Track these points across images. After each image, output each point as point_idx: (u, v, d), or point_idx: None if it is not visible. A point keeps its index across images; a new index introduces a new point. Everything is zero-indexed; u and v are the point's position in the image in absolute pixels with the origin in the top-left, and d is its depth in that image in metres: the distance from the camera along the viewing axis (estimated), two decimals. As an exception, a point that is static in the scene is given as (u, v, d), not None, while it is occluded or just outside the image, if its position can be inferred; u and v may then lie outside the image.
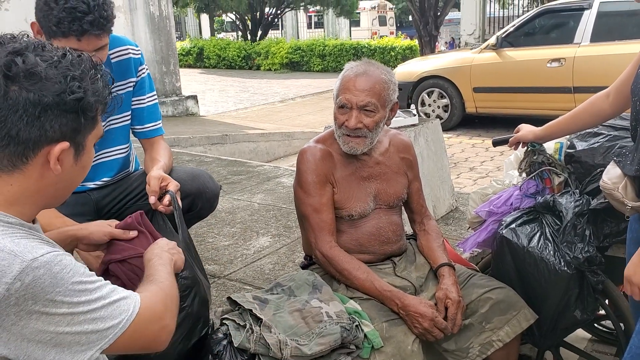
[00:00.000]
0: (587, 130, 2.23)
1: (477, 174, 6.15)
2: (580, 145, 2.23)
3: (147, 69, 2.22)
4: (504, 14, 17.26)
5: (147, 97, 2.20)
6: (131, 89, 2.15)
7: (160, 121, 2.26)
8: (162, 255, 1.43)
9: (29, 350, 0.98)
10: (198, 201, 2.15)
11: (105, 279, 1.51)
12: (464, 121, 8.51)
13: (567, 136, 2.29)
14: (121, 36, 2.16)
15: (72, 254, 1.78)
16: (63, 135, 1.06)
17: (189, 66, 20.67)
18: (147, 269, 1.38)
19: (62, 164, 1.08)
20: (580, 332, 2.70)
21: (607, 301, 2.19)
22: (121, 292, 1.11)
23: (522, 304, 2.00)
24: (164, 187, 1.82)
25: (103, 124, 2.07)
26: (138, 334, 1.11)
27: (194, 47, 21.25)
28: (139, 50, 2.19)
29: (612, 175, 1.77)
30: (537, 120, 2.30)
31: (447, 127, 7.92)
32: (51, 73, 1.03)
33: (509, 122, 7.98)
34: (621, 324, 2.15)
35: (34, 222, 1.14)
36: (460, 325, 1.92)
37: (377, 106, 1.95)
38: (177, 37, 13.59)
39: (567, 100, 7.23)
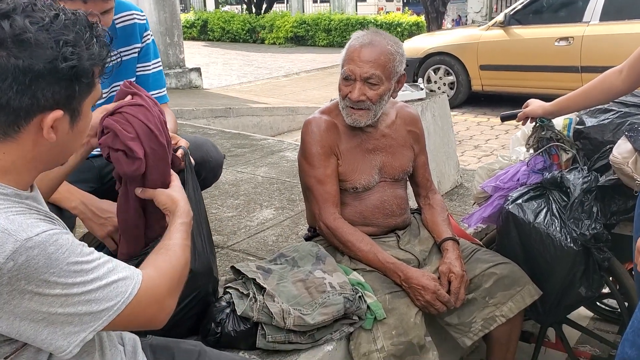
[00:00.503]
0: (597, 107, 2.20)
1: (481, 152, 6.12)
2: (590, 122, 2.20)
3: (151, 35, 2.18)
4: (511, -8, 17.04)
5: (152, 64, 2.17)
6: (136, 55, 2.12)
7: (164, 88, 2.23)
8: (188, 215, 1.37)
9: (21, 329, 0.96)
10: (202, 170, 2.13)
11: (101, 137, 1.44)
12: (469, 99, 8.45)
13: (576, 112, 2.26)
14: (126, 1, 2.12)
15: None
16: (56, 103, 1.01)
17: (193, 39, 20.49)
18: (170, 227, 1.32)
19: (56, 131, 1.03)
20: (582, 310, 2.71)
21: (611, 279, 2.18)
22: (121, 271, 1.07)
23: (526, 280, 2.00)
24: (174, 145, 1.80)
25: (106, 90, 2.05)
26: (134, 315, 1.08)
27: (198, 19, 21.05)
28: (144, 15, 2.15)
29: (622, 150, 1.75)
30: (543, 99, 2.27)
31: (452, 105, 7.79)
32: (42, 37, 0.97)
33: (515, 100, 7.89)
34: (625, 302, 2.15)
35: (32, 188, 1.11)
36: (463, 300, 1.92)
37: (382, 78, 1.92)
38: (181, 9, 13.46)
39: (574, 80, 7.15)
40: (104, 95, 1.90)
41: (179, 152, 1.76)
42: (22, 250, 0.93)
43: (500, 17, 8.10)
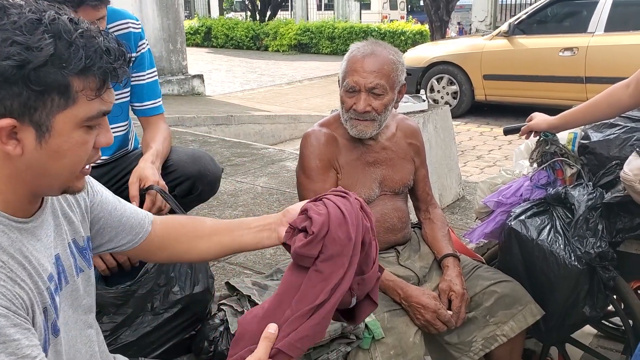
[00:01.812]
0: (603, 121, 2.16)
1: (484, 163, 6.08)
2: (595, 137, 2.16)
3: (147, 44, 2.15)
4: (515, 1, 17.03)
5: (147, 74, 2.14)
6: (130, 64, 2.09)
7: (160, 99, 2.19)
8: None
9: None
10: (198, 184, 2.09)
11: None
12: (472, 109, 8.43)
13: (582, 126, 2.22)
14: (121, 9, 2.08)
15: None
16: (7, 111, 0.91)
17: (197, 45, 20.53)
18: None
19: (23, 145, 0.94)
20: (585, 328, 2.65)
21: (615, 297, 2.13)
22: None
23: (528, 299, 1.95)
24: (142, 186, 1.79)
25: None
26: None
27: (202, 26, 21.09)
28: (139, 24, 2.11)
29: (633, 167, 1.71)
30: (547, 110, 2.23)
31: (455, 115, 7.81)
32: None
33: (518, 110, 7.90)
34: (630, 321, 2.09)
35: (37, 215, 1.04)
36: (464, 319, 1.87)
37: (386, 88, 1.88)
38: (185, 16, 13.48)
39: (578, 91, 7.13)
40: None
41: (147, 201, 1.76)
42: None
43: (504, 27, 8.09)
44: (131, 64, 1.08)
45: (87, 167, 1.05)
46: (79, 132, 0.98)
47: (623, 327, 2.41)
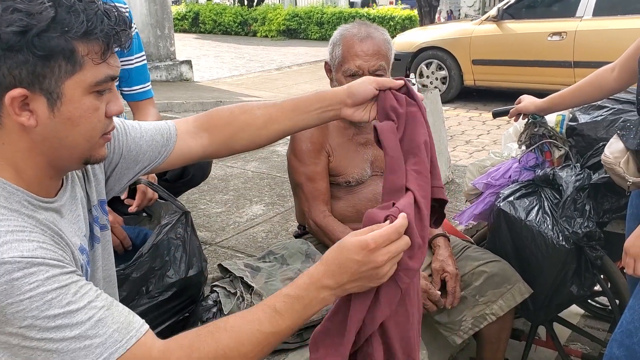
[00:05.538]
0: (590, 103, 2.18)
1: (473, 147, 6.10)
2: (583, 118, 2.18)
3: (135, 28, 2.13)
4: (505, -14, 17.04)
5: (135, 58, 2.13)
6: (132, 29, 2.08)
7: (149, 83, 2.18)
8: (323, 291, 1.03)
9: None
10: (190, 168, 2.10)
11: None
12: (461, 94, 8.43)
13: (569, 109, 2.24)
14: (108, -8, 2.07)
15: None
16: (17, 81, 0.91)
17: (184, 31, 20.33)
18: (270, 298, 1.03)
19: (36, 115, 0.94)
20: (573, 308, 2.70)
21: (602, 277, 2.17)
22: (104, 328, 0.89)
23: (516, 278, 1.98)
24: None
25: None
26: None
27: (189, 11, 20.88)
28: (126, 7, 2.09)
29: (614, 150, 1.73)
30: (536, 95, 2.25)
31: (444, 100, 7.81)
32: None
33: (507, 95, 7.92)
34: (617, 300, 2.13)
35: (60, 195, 1.03)
36: (459, 299, 1.90)
37: (386, 68, 1.91)
38: (172, 1, 13.37)
39: (567, 75, 7.16)
40: None
41: (135, 202, 1.77)
42: None
43: (493, 12, 8.09)
44: (132, 30, 1.07)
45: (107, 135, 1.04)
46: (89, 98, 0.97)
47: (609, 307, 2.45)
